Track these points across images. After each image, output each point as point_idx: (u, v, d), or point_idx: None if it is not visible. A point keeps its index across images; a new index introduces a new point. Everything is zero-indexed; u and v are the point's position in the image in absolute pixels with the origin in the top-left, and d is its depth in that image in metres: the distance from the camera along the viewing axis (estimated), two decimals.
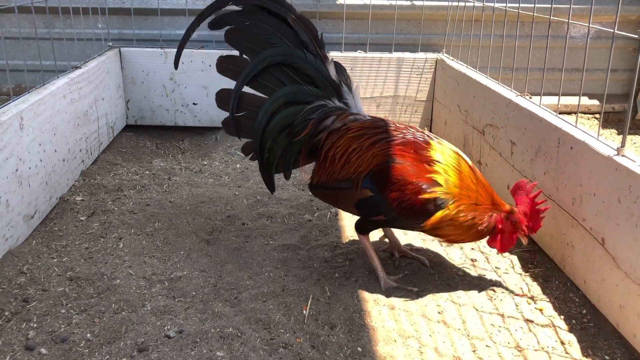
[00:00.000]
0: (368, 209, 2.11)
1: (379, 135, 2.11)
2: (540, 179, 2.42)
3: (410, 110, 3.96)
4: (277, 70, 2.20)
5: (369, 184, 2.05)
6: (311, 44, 2.19)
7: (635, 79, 2.14)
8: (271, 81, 2.22)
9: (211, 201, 2.86)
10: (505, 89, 2.88)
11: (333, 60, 2.25)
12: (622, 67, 4.33)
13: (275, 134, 2.20)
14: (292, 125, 2.19)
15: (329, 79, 2.21)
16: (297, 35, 2.19)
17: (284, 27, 2.20)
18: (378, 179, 2.04)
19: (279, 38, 2.20)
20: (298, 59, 2.19)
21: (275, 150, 2.23)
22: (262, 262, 2.34)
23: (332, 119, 2.19)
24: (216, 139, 3.76)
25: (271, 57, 2.19)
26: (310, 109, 2.19)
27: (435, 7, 4.07)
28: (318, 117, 2.18)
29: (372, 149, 2.08)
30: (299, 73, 2.21)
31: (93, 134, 3.26)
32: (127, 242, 2.45)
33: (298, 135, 2.20)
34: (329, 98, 2.22)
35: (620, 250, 1.90)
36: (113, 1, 4.02)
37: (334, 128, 2.17)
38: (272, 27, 2.20)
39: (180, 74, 3.82)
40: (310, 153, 2.23)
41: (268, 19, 2.21)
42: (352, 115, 2.21)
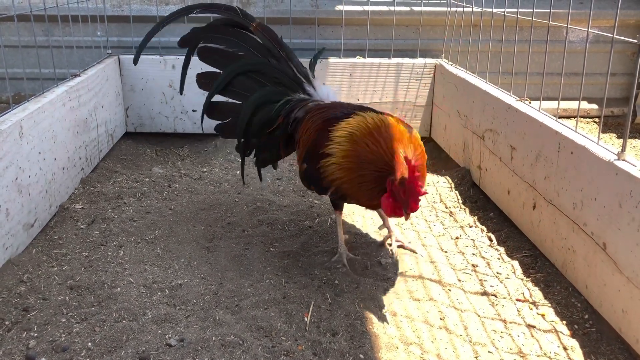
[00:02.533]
0: (307, 181, 2.35)
1: (322, 114, 2.32)
2: (541, 184, 2.42)
3: (410, 115, 3.96)
4: (246, 78, 2.49)
5: (306, 157, 2.30)
6: (274, 48, 2.47)
7: (635, 83, 2.15)
8: (243, 88, 2.50)
9: (211, 208, 2.86)
10: (505, 94, 2.88)
11: (297, 59, 2.49)
12: (621, 71, 4.34)
13: (255, 133, 2.49)
14: (268, 123, 2.47)
15: (292, 77, 2.48)
16: (261, 43, 2.47)
17: (248, 37, 2.47)
18: (307, 151, 2.28)
19: (246, 48, 2.49)
20: (262, 65, 2.47)
21: (260, 147, 2.53)
22: (263, 269, 2.34)
23: (297, 110, 2.44)
24: (216, 146, 3.76)
25: (238, 69, 2.48)
26: (280, 105, 2.46)
27: (433, 12, 4.08)
28: (286, 111, 2.45)
29: (311, 125, 2.31)
30: (266, 76, 2.48)
31: (93, 141, 3.26)
32: (128, 250, 2.44)
33: (275, 129, 2.47)
34: (294, 93, 2.48)
35: (622, 255, 1.90)
36: (112, 9, 4.03)
37: (299, 117, 2.42)
38: (238, 39, 2.49)
39: (180, 81, 3.81)
40: (287, 144, 2.50)
41: (232, 32, 2.49)
42: (312, 102, 2.46)
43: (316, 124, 2.31)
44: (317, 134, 2.25)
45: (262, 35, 2.47)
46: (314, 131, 2.29)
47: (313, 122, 2.33)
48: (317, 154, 2.21)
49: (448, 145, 3.61)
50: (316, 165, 2.22)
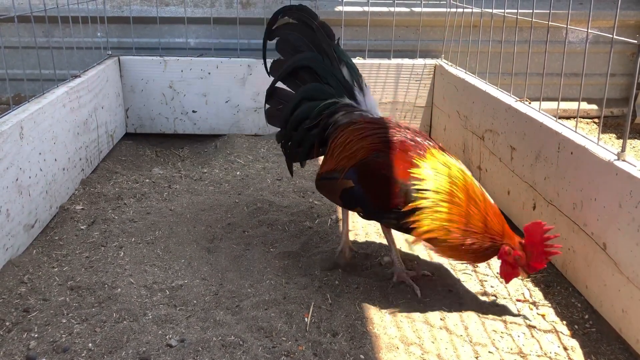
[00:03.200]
0: (348, 199, 2.21)
1: (375, 130, 2.19)
2: (541, 184, 2.43)
3: (410, 116, 3.96)
4: (304, 71, 2.48)
5: (352, 175, 2.15)
6: (329, 48, 2.45)
7: (635, 84, 2.15)
8: (300, 79, 2.50)
9: (211, 209, 2.86)
10: (505, 95, 2.88)
11: (352, 62, 2.47)
12: (621, 71, 4.34)
13: (295, 125, 2.43)
14: (309, 119, 2.40)
15: (341, 80, 2.42)
16: (319, 41, 2.46)
17: (311, 34, 2.49)
18: (359, 171, 2.13)
19: (306, 44, 2.50)
20: (316, 63, 2.44)
21: (295, 140, 2.46)
22: (263, 270, 2.34)
23: (341, 114, 2.35)
24: (216, 147, 3.76)
25: (296, 62, 2.48)
26: (324, 105, 2.39)
27: (433, 13, 4.08)
28: (329, 112, 2.36)
29: (363, 142, 2.17)
30: (318, 74, 2.45)
31: (93, 142, 3.26)
32: (128, 251, 2.44)
33: (313, 127, 2.39)
34: (341, 96, 2.40)
35: (622, 255, 1.90)
36: (112, 10, 4.03)
37: (341, 122, 2.32)
38: (303, 36, 2.52)
39: (180, 82, 3.83)
40: (321, 145, 2.41)
41: (301, 28, 2.52)
42: (359, 111, 2.35)
43: (372, 142, 2.14)
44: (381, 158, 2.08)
45: (322, 34, 2.47)
46: (369, 150, 2.13)
47: (365, 137, 2.18)
48: (381, 180, 2.06)
49: (448, 145, 3.61)
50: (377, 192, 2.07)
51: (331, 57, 2.43)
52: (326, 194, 2.36)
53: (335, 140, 2.28)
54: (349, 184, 2.16)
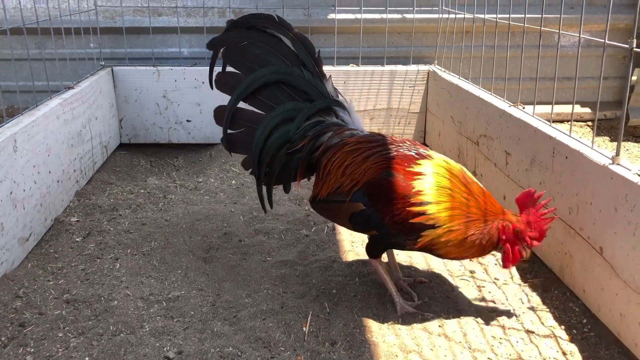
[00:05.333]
0: (361, 223, 2.09)
1: (374, 149, 2.09)
2: (536, 189, 2.42)
3: (404, 122, 3.97)
4: (276, 88, 2.23)
5: (362, 197, 2.03)
6: (309, 62, 2.22)
7: (628, 87, 2.16)
8: (270, 98, 2.24)
9: (207, 218, 2.85)
10: (498, 100, 2.89)
11: (331, 77, 2.28)
12: (613, 74, 4.36)
13: (273, 150, 2.22)
14: (290, 142, 2.20)
15: (326, 96, 2.23)
16: (296, 54, 2.22)
17: (283, 46, 2.23)
18: (370, 192, 2.02)
19: (277, 57, 2.23)
20: (295, 77, 2.21)
21: (274, 166, 2.24)
22: (260, 279, 2.33)
23: (329, 134, 2.19)
24: (211, 156, 3.75)
25: (268, 76, 2.22)
26: (308, 125, 2.20)
27: (425, 19, 4.10)
28: (315, 133, 2.19)
29: (366, 162, 2.06)
30: (297, 90, 2.23)
31: (87, 154, 3.25)
32: (124, 263, 2.43)
33: (296, 150, 2.20)
34: (326, 115, 2.23)
35: (619, 259, 1.90)
36: (105, 21, 4.03)
37: (331, 143, 2.18)
38: (271, 46, 2.23)
39: (173, 91, 3.83)
40: (308, 168, 2.24)
41: (266, 38, 2.24)
42: (348, 130, 2.21)
43: (377, 161, 2.04)
44: (393, 177, 1.98)
45: (299, 46, 2.22)
46: (377, 169, 2.02)
47: (367, 157, 2.06)
48: (397, 200, 1.96)
49: (443, 151, 3.61)
50: (395, 213, 1.96)
51: (312, 71, 2.22)
52: (329, 217, 2.26)
53: (331, 162, 2.13)
54: (359, 207, 2.04)
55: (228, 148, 2.32)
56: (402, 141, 2.14)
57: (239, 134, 2.30)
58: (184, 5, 4.09)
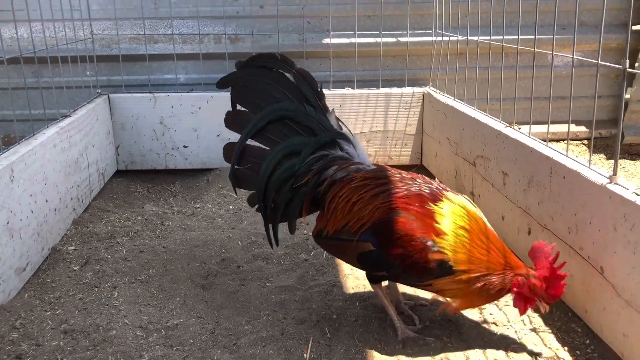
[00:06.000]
0: (370, 263, 2.05)
1: (382, 186, 2.04)
2: (535, 209, 2.43)
3: (401, 144, 3.98)
4: (280, 123, 2.25)
5: (371, 237, 1.99)
6: (311, 96, 2.25)
7: (622, 106, 2.18)
8: (274, 134, 2.26)
9: (205, 245, 2.83)
10: (494, 120, 2.91)
11: (334, 110, 2.29)
12: (606, 93, 4.40)
13: (278, 185, 2.21)
14: (295, 176, 2.19)
15: (329, 130, 2.24)
16: (299, 89, 2.25)
17: (286, 81, 2.27)
18: (380, 232, 1.97)
19: (282, 92, 2.26)
20: (299, 113, 2.23)
21: (280, 202, 2.23)
22: (259, 306, 2.31)
23: (334, 168, 2.17)
24: (208, 181, 3.75)
25: (273, 113, 2.24)
26: (313, 159, 2.19)
27: (419, 42, 4.14)
28: (319, 167, 2.17)
29: (375, 200, 2.01)
30: (301, 125, 2.24)
31: (84, 181, 3.24)
32: (122, 291, 2.41)
33: (301, 185, 2.19)
34: (331, 148, 2.22)
35: (620, 279, 1.90)
36: (101, 49, 4.05)
37: (336, 178, 2.15)
38: (275, 82, 2.28)
39: (170, 117, 3.84)
40: (313, 203, 2.20)
41: (271, 74, 2.29)
42: (354, 164, 2.18)
43: (385, 200, 1.99)
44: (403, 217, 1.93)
45: (302, 82, 2.25)
46: (386, 209, 1.97)
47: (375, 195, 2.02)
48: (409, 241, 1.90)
49: (440, 172, 3.62)
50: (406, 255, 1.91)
51: (315, 105, 2.24)
52: (335, 254, 2.23)
53: (336, 198, 2.10)
54: (368, 247, 1.99)
55: (234, 184, 2.33)
56: (413, 177, 2.08)
57: (245, 170, 2.31)
58: (180, 33, 4.12)
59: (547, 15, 4.02)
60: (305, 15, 4.13)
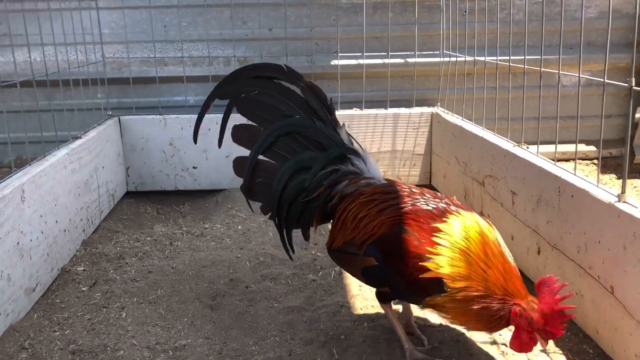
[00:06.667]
0: (374, 278, 2.05)
1: (390, 201, 2.03)
2: (544, 228, 2.41)
3: (409, 164, 3.98)
4: (289, 139, 2.25)
5: (374, 251, 1.98)
6: (321, 110, 2.24)
7: (630, 125, 2.17)
8: (284, 149, 2.26)
9: (214, 265, 2.84)
10: (502, 140, 2.90)
11: (344, 124, 2.29)
12: (616, 112, 4.38)
13: (290, 199, 2.23)
14: (306, 190, 2.21)
15: (340, 145, 2.24)
16: (307, 103, 2.25)
17: (294, 95, 2.26)
18: (383, 247, 1.97)
19: (290, 106, 2.25)
20: (307, 128, 2.23)
21: (292, 214, 2.25)
22: (267, 326, 2.30)
23: (345, 183, 2.17)
24: (217, 202, 3.76)
25: (281, 128, 2.24)
26: (323, 174, 2.20)
27: (427, 63, 4.16)
28: (330, 182, 2.18)
29: (380, 215, 2.00)
30: (310, 140, 2.24)
31: (94, 202, 3.27)
32: (130, 312, 2.41)
33: (312, 199, 2.20)
34: (341, 163, 2.22)
35: (630, 298, 1.87)
36: (112, 72, 4.11)
37: (346, 192, 2.15)
38: (283, 96, 2.27)
39: (180, 139, 3.87)
40: (324, 216, 2.22)
41: (278, 88, 2.28)
42: (364, 179, 2.18)
43: (391, 215, 1.98)
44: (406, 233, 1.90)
45: (311, 96, 2.24)
46: (390, 224, 1.96)
47: (381, 210, 2.01)
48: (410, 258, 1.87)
49: (449, 192, 3.61)
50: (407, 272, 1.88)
51: (324, 120, 2.24)
52: (343, 267, 2.24)
53: (345, 212, 2.10)
54: (371, 262, 1.99)
55: (247, 196, 2.35)
56: (422, 192, 2.06)
57: (256, 184, 2.32)
58: (190, 55, 4.18)
59: (555, 35, 4.03)
60: (313, 37, 4.18)
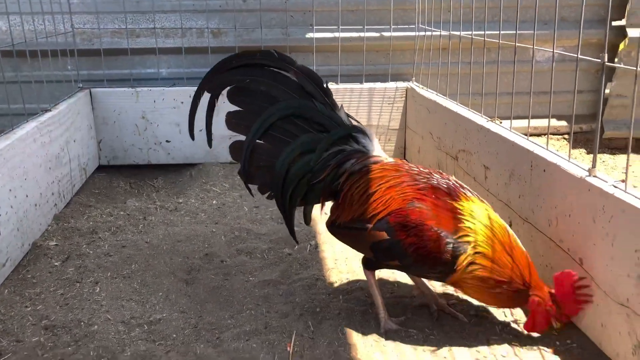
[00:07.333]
0: (383, 253, 2.05)
1: (399, 178, 2.06)
2: (516, 202, 2.45)
3: (384, 138, 3.99)
4: (288, 122, 2.19)
5: (386, 226, 2.00)
6: (317, 94, 2.20)
7: (602, 100, 2.21)
8: (284, 133, 2.20)
9: (188, 240, 2.82)
10: (476, 115, 2.93)
11: (342, 106, 2.25)
12: (587, 88, 4.44)
13: (295, 182, 2.18)
14: (312, 172, 2.17)
15: (342, 125, 2.20)
16: (303, 87, 2.20)
17: (289, 81, 2.21)
18: (395, 221, 1.98)
19: (285, 92, 2.20)
20: (309, 110, 2.18)
21: (295, 196, 2.21)
22: (243, 300, 2.31)
23: (352, 162, 2.16)
24: (191, 176, 3.73)
25: (281, 111, 2.19)
26: (329, 155, 2.17)
27: (403, 37, 4.14)
28: (337, 162, 2.16)
29: (391, 191, 2.02)
30: (310, 123, 2.19)
31: (65, 176, 3.21)
32: (104, 286, 2.39)
33: (318, 180, 2.17)
34: (347, 143, 2.19)
35: (598, 270, 1.92)
36: (82, 43, 4.01)
37: (354, 170, 2.14)
38: (277, 82, 2.21)
39: (152, 112, 3.81)
40: (330, 196, 2.20)
41: (270, 74, 2.22)
42: (372, 157, 2.17)
43: (404, 191, 2.01)
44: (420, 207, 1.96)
45: (304, 79, 2.19)
46: (403, 199, 1.99)
47: (392, 186, 2.03)
48: (424, 232, 1.93)
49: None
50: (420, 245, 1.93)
51: (323, 102, 2.19)
52: (348, 243, 2.21)
53: (354, 187, 2.11)
54: (382, 236, 2.00)
55: (246, 180, 2.29)
56: (430, 172, 2.10)
57: (255, 167, 2.26)
58: (162, 27, 4.09)
59: (529, 11, 4.05)
60: (289, 9, 4.12)
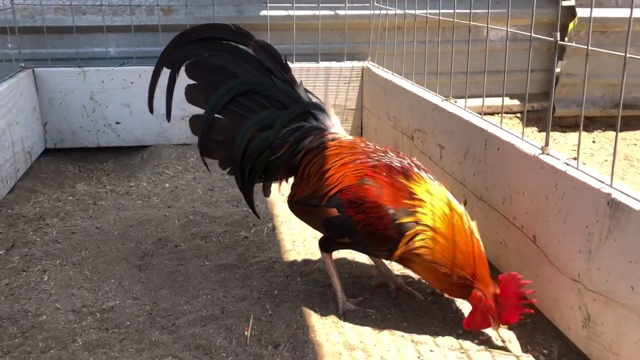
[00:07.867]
0: (334, 229, 2.06)
1: (354, 155, 2.07)
2: (470, 181, 2.47)
3: (341, 118, 3.94)
4: (246, 98, 2.18)
5: (337, 202, 2.01)
6: (276, 70, 2.18)
7: (554, 79, 2.23)
8: (242, 108, 2.19)
9: (140, 224, 2.74)
10: (431, 94, 2.93)
11: (302, 82, 2.23)
12: (539, 67, 4.51)
13: (253, 158, 2.18)
14: (271, 148, 2.17)
15: (301, 102, 2.19)
16: (261, 63, 2.18)
17: (247, 56, 2.18)
18: (345, 198, 1.99)
19: (243, 67, 2.18)
20: (266, 87, 2.17)
21: (254, 172, 2.21)
22: (198, 285, 2.26)
23: (310, 138, 2.16)
24: (142, 159, 3.63)
25: (238, 86, 2.17)
26: (287, 132, 2.16)
27: (358, 16, 4.11)
28: (295, 139, 2.16)
29: (344, 168, 2.04)
30: (270, 99, 2.18)
31: (8, 161, 3.07)
32: (53, 275, 2.30)
33: (277, 156, 2.16)
34: (305, 120, 2.18)
35: (551, 247, 1.96)
36: (23, 20, 3.81)
37: (311, 147, 2.15)
38: (235, 57, 2.19)
39: (101, 92, 3.68)
40: (288, 172, 2.21)
41: (229, 48, 2.19)
42: (330, 134, 2.18)
43: (356, 168, 2.02)
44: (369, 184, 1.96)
45: (263, 55, 2.18)
46: (354, 176, 2.00)
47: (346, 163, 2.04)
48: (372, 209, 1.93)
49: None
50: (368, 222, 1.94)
51: (282, 78, 2.19)
52: (304, 219, 2.20)
53: (310, 164, 2.12)
54: (333, 213, 2.01)
55: (204, 154, 2.26)
56: (385, 150, 2.09)
57: (214, 142, 2.24)
58: (110, 3, 3.93)
59: None
60: None
